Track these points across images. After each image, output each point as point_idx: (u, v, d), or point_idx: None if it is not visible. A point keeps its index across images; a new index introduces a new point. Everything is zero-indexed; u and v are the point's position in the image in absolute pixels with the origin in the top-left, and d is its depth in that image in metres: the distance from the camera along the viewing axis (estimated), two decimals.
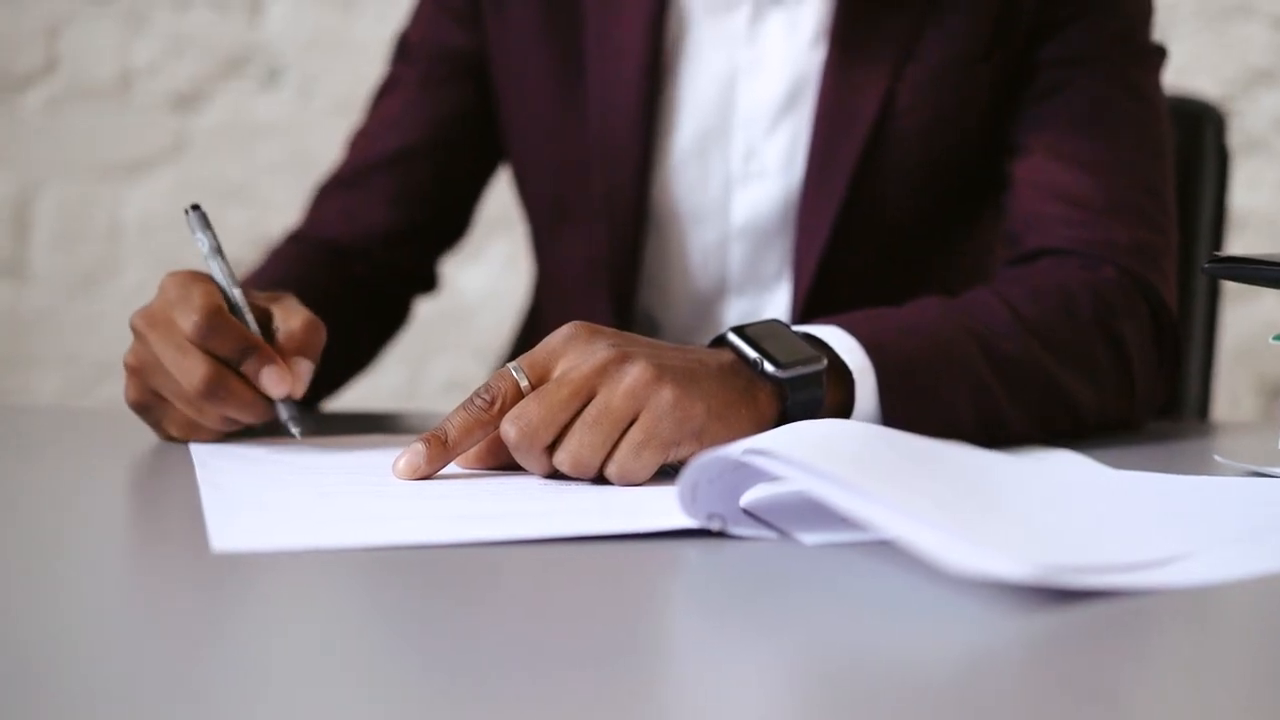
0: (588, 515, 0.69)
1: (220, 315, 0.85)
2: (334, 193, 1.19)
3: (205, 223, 0.90)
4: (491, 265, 2.07)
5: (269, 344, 0.88)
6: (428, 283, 1.25)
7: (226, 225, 2.07)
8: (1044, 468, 0.76)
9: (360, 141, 1.20)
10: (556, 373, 0.79)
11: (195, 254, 0.91)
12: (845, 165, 1.09)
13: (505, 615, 0.55)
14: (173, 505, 0.73)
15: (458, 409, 0.79)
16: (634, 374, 0.77)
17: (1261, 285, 0.79)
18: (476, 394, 0.79)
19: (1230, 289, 1.73)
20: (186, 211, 0.91)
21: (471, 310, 2.08)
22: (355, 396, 1.27)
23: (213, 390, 0.85)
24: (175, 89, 2.07)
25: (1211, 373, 1.40)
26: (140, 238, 2.05)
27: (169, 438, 0.89)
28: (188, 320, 0.84)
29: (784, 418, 0.82)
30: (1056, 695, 0.45)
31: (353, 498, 0.74)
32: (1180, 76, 1.95)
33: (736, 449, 0.63)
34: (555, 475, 0.78)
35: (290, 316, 0.90)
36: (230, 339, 0.85)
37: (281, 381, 0.86)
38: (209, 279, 0.88)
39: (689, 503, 0.64)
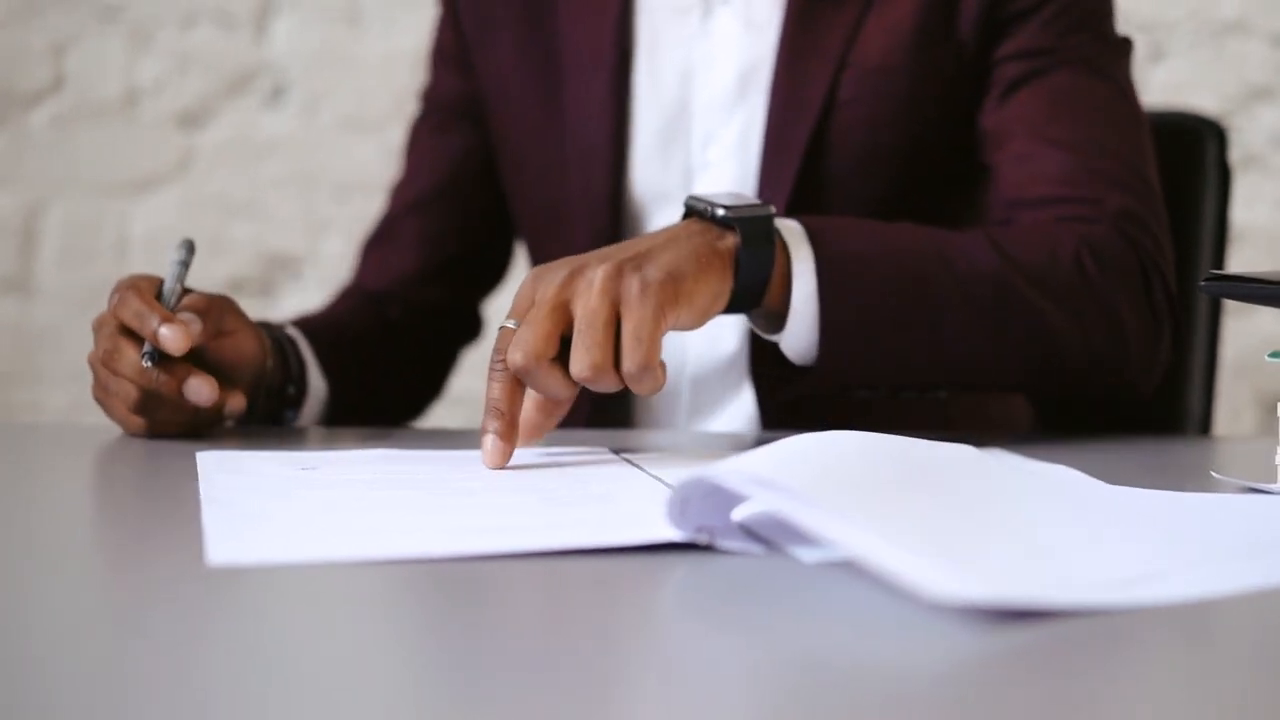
0: (575, 529, 0.69)
1: (132, 285, 0.96)
2: (371, 246, 1.28)
3: (187, 250, 1.02)
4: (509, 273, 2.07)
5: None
6: (469, 325, 1.31)
7: (232, 241, 2.08)
8: (1039, 483, 0.77)
9: (390, 196, 1.29)
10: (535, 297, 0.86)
11: (199, 272, 0.95)
12: (796, 153, 1.12)
13: (495, 628, 0.56)
14: (176, 520, 0.73)
15: (489, 385, 0.85)
16: (597, 276, 0.84)
17: (1257, 303, 0.80)
18: (491, 363, 0.85)
19: (1230, 303, 1.74)
20: (189, 244, 1.03)
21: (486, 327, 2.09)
22: None
23: (110, 357, 0.95)
24: (181, 106, 2.08)
25: (1213, 388, 1.40)
26: (147, 254, 2.06)
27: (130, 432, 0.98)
28: (111, 298, 0.96)
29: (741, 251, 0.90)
30: (1042, 712, 0.46)
31: (352, 512, 0.74)
32: (1179, 93, 1.96)
33: (718, 472, 0.63)
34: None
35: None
36: (132, 302, 0.95)
37: (141, 318, 0.94)
38: (153, 277, 0.99)
39: (678, 516, 0.65)
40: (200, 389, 0.94)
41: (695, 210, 0.92)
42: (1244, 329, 1.97)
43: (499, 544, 0.65)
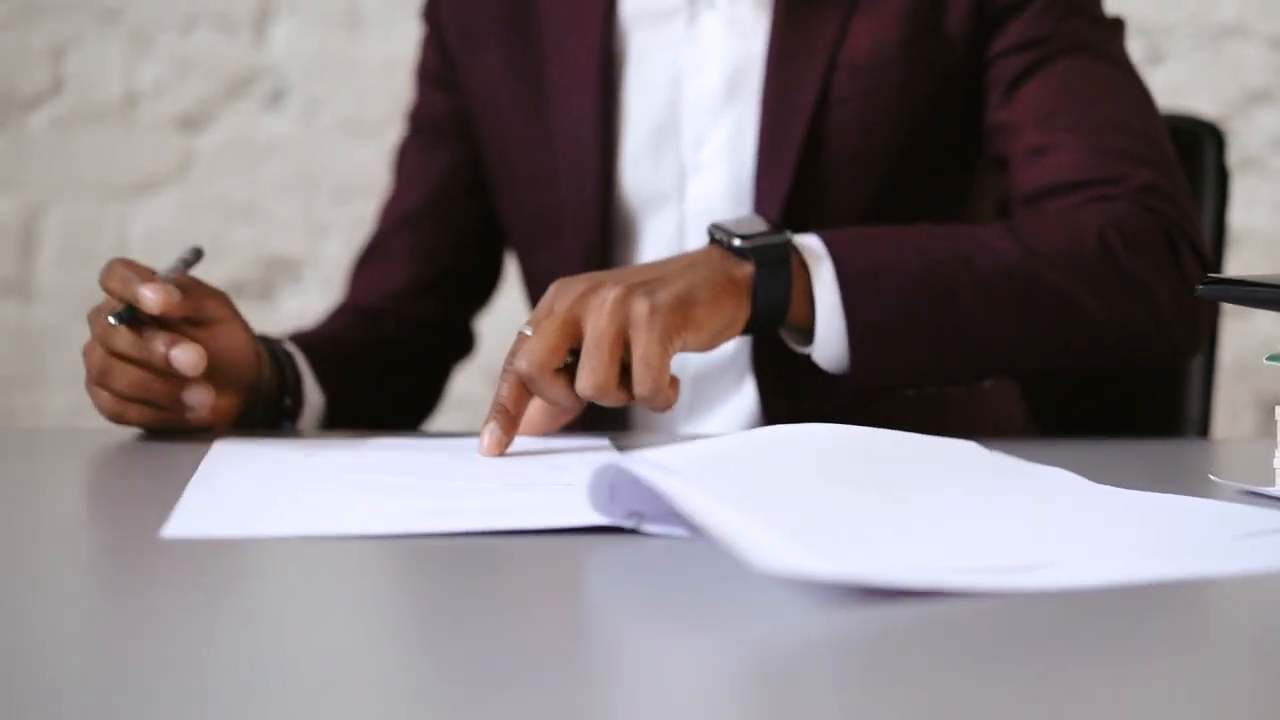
0: (509, 513, 0.71)
1: (120, 260, 0.98)
2: (362, 264, 1.29)
3: (194, 253, 1.03)
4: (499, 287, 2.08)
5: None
6: (461, 341, 1.33)
7: (231, 243, 2.09)
8: (987, 478, 0.76)
9: (380, 213, 1.30)
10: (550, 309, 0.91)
11: (200, 274, 1.00)
12: (791, 153, 1.13)
13: (420, 606, 0.58)
14: (165, 512, 0.74)
15: (499, 385, 0.89)
16: (609, 298, 0.88)
17: (1255, 307, 0.80)
18: (504, 364, 0.90)
19: (1229, 304, 1.74)
20: (197, 249, 1.03)
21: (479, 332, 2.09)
22: None
23: (104, 333, 0.96)
24: (181, 109, 2.08)
25: (1212, 391, 1.41)
26: (146, 256, 2.05)
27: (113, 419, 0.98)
28: (102, 273, 0.97)
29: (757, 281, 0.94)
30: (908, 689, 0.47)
31: (316, 493, 0.77)
32: (1177, 96, 1.96)
33: (624, 460, 0.64)
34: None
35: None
36: (118, 269, 0.96)
37: (125, 281, 0.95)
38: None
39: (605, 502, 0.66)
40: (187, 353, 0.94)
41: (716, 239, 0.96)
42: (1242, 331, 1.98)
43: (428, 525, 0.68)
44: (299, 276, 2.11)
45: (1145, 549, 0.66)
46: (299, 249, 2.11)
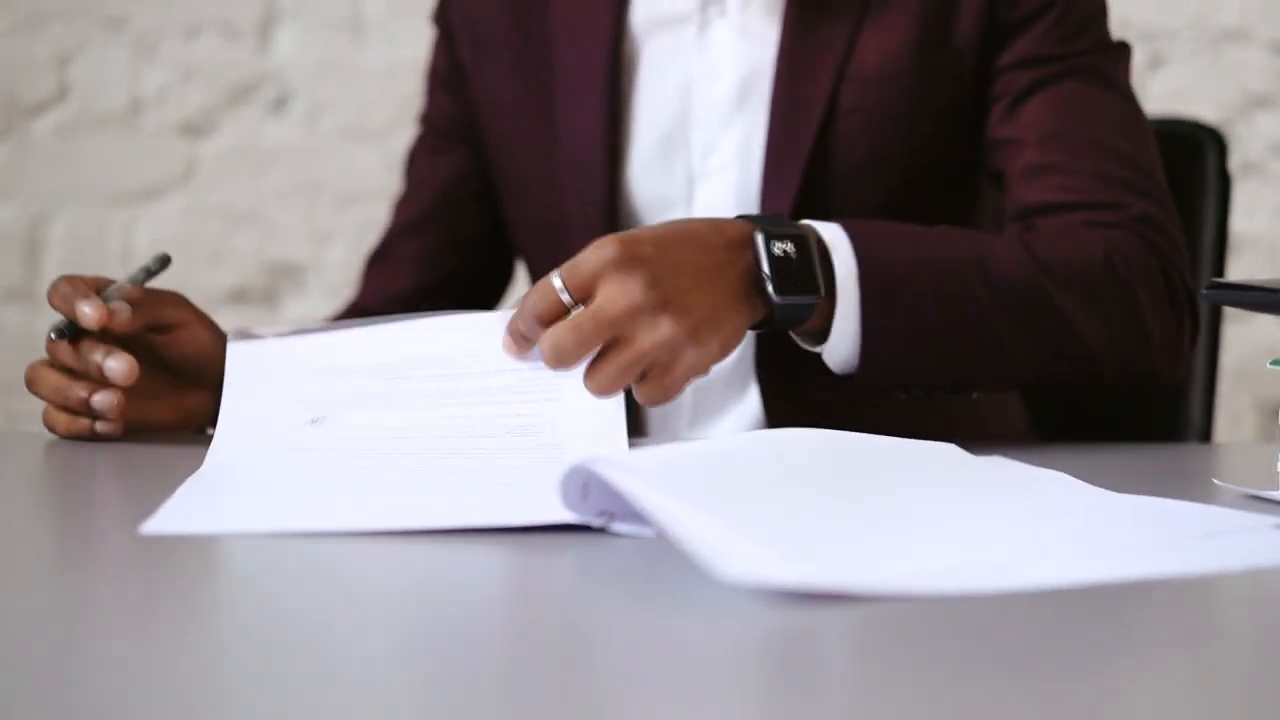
0: (485, 510, 0.73)
1: (65, 277, 0.97)
2: (371, 266, 1.30)
3: (159, 262, 1.03)
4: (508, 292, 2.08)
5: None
6: None
7: (235, 250, 2.09)
8: (968, 482, 0.76)
9: (390, 216, 1.31)
10: (596, 300, 0.87)
11: (202, 280, 0.95)
12: (798, 162, 1.14)
13: (389, 602, 0.60)
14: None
15: (510, 325, 0.89)
16: (666, 330, 0.86)
17: (1257, 311, 0.80)
18: (520, 308, 0.89)
19: (1230, 309, 1.74)
20: (163, 257, 1.03)
21: None
22: None
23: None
24: (184, 116, 2.09)
25: (1214, 395, 1.41)
26: None
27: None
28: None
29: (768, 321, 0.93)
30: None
31: (306, 490, 0.79)
32: (1178, 101, 1.97)
33: (594, 461, 0.65)
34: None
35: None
36: (61, 286, 0.96)
37: (66, 298, 0.96)
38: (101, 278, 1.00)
39: (576, 501, 0.67)
40: (118, 363, 0.95)
41: (757, 239, 0.93)
42: (1244, 335, 1.98)
43: (402, 522, 0.69)
44: (302, 282, 2.11)
45: (1106, 549, 0.66)
46: (303, 255, 2.11)
